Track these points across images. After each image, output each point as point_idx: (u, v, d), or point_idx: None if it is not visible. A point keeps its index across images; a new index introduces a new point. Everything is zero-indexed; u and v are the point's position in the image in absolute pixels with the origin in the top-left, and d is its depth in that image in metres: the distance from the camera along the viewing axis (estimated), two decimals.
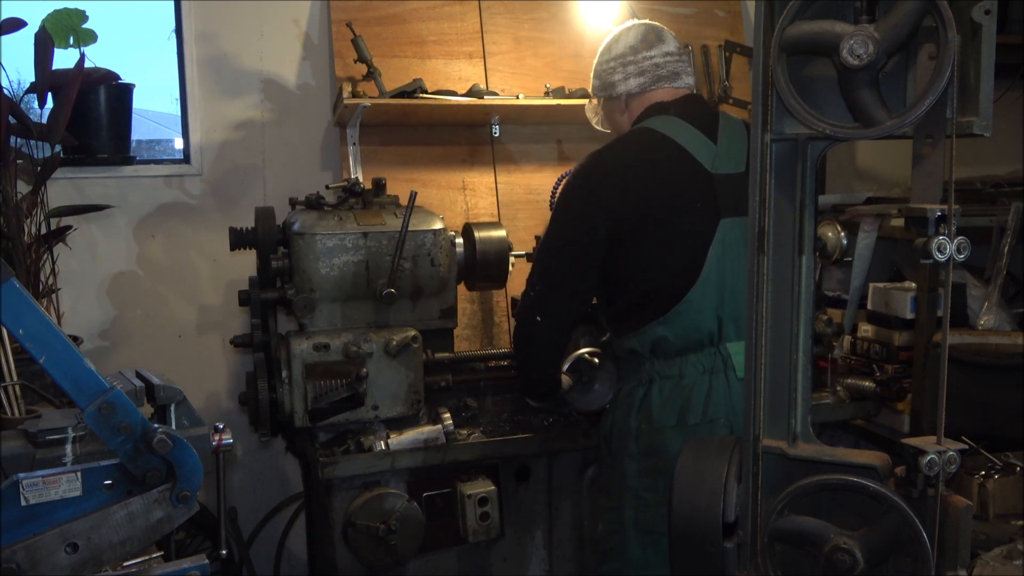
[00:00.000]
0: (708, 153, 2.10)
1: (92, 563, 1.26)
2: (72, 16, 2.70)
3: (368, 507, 2.29)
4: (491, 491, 2.39)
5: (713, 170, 2.09)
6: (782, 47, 1.18)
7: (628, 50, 2.22)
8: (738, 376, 2.05)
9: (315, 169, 3.18)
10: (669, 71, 2.20)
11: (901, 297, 2.87)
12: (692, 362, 2.09)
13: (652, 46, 2.21)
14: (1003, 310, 2.83)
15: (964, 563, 1.18)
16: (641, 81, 2.20)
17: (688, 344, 2.08)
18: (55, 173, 2.63)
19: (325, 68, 3.14)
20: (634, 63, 2.20)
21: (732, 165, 2.10)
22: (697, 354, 2.09)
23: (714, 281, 2.06)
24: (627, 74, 2.21)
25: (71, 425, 1.47)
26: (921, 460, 1.15)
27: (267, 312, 2.47)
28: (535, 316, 2.15)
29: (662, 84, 2.20)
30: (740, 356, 2.05)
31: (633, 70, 2.20)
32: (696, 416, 2.05)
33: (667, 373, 2.10)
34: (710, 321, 2.07)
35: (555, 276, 2.14)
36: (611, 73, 2.23)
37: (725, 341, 2.08)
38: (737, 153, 2.12)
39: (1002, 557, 1.82)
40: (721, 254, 2.06)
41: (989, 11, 1.10)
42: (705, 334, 2.08)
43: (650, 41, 2.22)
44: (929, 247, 1.10)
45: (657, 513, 2.06)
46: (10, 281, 1.19)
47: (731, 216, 2.06)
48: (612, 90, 2.24)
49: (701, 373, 2.08)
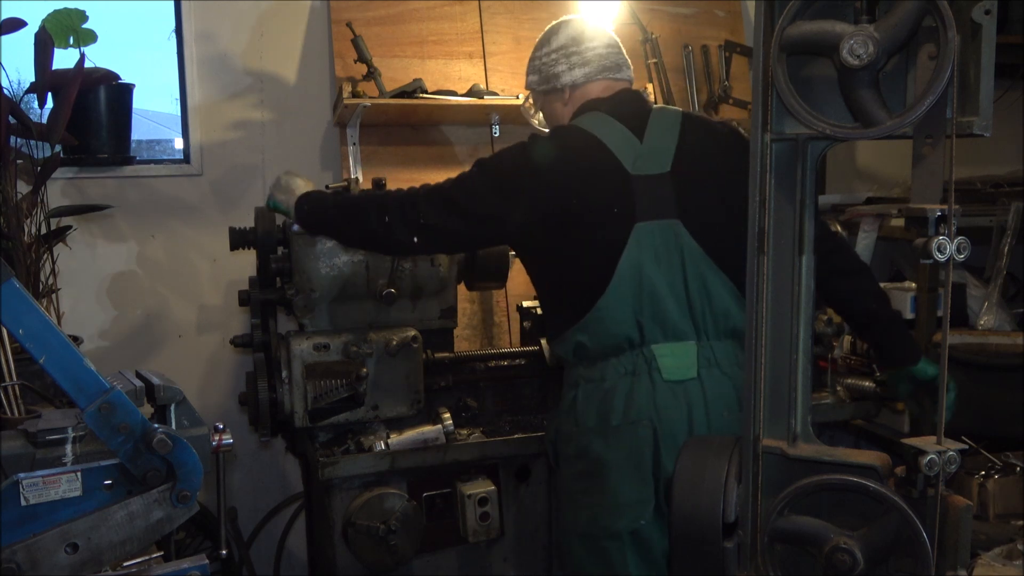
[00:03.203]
0: (631, 153, 2.03)
1: (92, 563, 1.26)
2: (72, 16, 2.70)
3: (368, 507, 2.29)
4: (491, 491, 2.39)
5: (633, 171, 2.01)
6: (782, 47, 1.18)
7: (570, 41, 2.16)
8: (663, 378, 1.99)
9: (315, 169, 3.18)
10: (612, 62, 2.15)
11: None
12: (613, 365, 2.03)
13: (593, 38, 2.16)
14: (1003, 310, 2.83)
15: (964, 563, 1.18)
16: (586, 71, 2.14)
17: (607, 349, 2.03)
18: (55, 173, 2.63)
19: (325, 68, 3.15)
20: (577, 53, 2.14)
21: (656, 165, 2.03)
22: (618, 357, 2.03)
23: (628, 286, 1.98)
24: (571, 64, 2.14)
25: (71, 425, 1.47)
26: (921, 460, 1.15)
27: (267, 312, 2.47)
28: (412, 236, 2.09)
29: (606, 75, 2.15)
30: (666, 358, 2.00)
31: (577, 60, 2.14)
32: (617, 417, 1.99)
33: (590, 377, 2.05)
34: (627, 327, 2.00)
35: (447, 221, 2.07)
36: (553, 64, 2.17)
37: (650, 343, 2.00)
38: (663, 152, 2.05)
39: (1002, 557, 1.82)
40: (636, 258, 1.98)
41: (989, 11, 1.10)
42: (623, 339, 2.01)
43: (590, 35, 2.17)
44: (929, 247, 1.10)
45: (591, 515, 2.02)
46: (10, 281, 1.19)
47: (647, 220, 1.99)
48: (555, 81, 2.17)
49: (622, 375, 2.01)
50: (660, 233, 2.00)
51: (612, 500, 1.98)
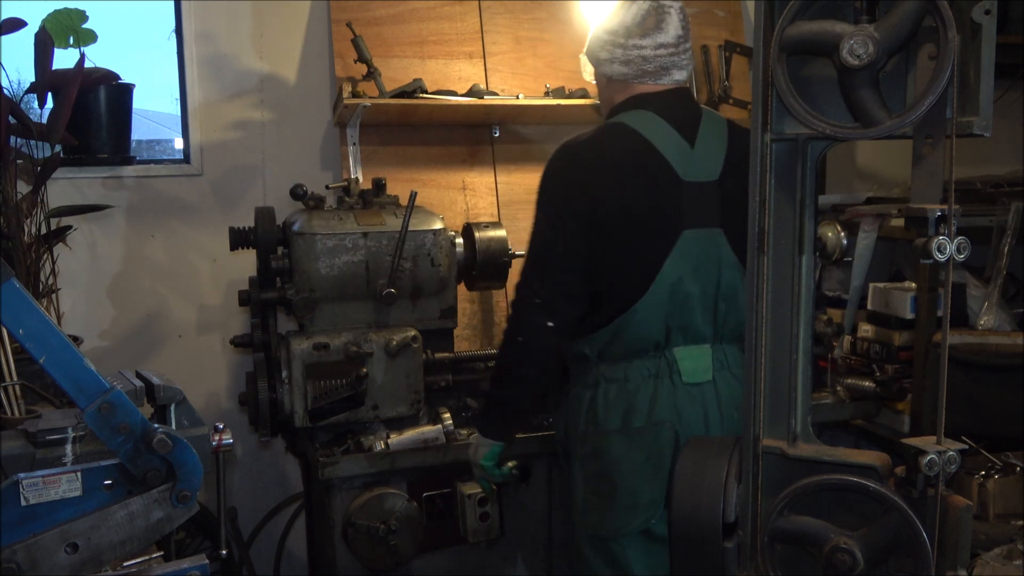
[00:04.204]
0: (682, 158, 2.00)
1: (92, 563, 1.26)
2: (72, 16, 2.70)
3: (368, 507, 2.29)
4: (491, 491, 2.39)
5: (685, 177, 1.99)
6: (782, 47, 1.18)
7: (622, 30, 2.04)
8: (683, 380, 2.01)
9: (315, 169, 3.17)
10: (656, 66, 2.03)
11: (901, 297, 2.87)
12: (637, 366, 2.03)
13: (647, 34, 2.02)
14: (1003, 310, 2.83)
15: (964, 563, 1.18)
16: (624, 71, 2.05)
17: (633, 350, 2.03)
18: (55, 173, 2.63)
19: (325, 68, 3.14)
20: (622, 47, 2.04)
21: (705, 172, 2.01)
22: (642, 359, 2.03)
23: (665, 292, 1.99)
24: (613, 57, 2.06)
25: (71, 425, 1.47)
26: (921, 460, 1.15)
27: (267, 312, 2.47)
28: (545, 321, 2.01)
29: (645, 80, 2.04)
30: (686, 361, 2.02)
31: (620, 55, 2.04)
32: (641, 419, 1.99)
33: (612, 376, 2.04)
34: (657, 332, 2.01)
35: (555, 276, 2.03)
36: (601, 48, 2.09)
37: (672, 346, 2.02)
38: (714, 159, 2.02)
39: (1002, 557, 1.82)
40: (678, 266, 1.98)
41: (989, 11, 1.10)
42: (651, 342, 2.02)
43: (647, 27, 2.02)
44: (929, 247, 1.10)
45: (601, 517, 2.03)
46: (10, 281, 1.19)
47: (695, 228, 1.99)
48: (597, 64, 2.13)
49: (646, 377, 2.02)
50: (703, 242, 2.00)
51: (627, 501, 2.00)
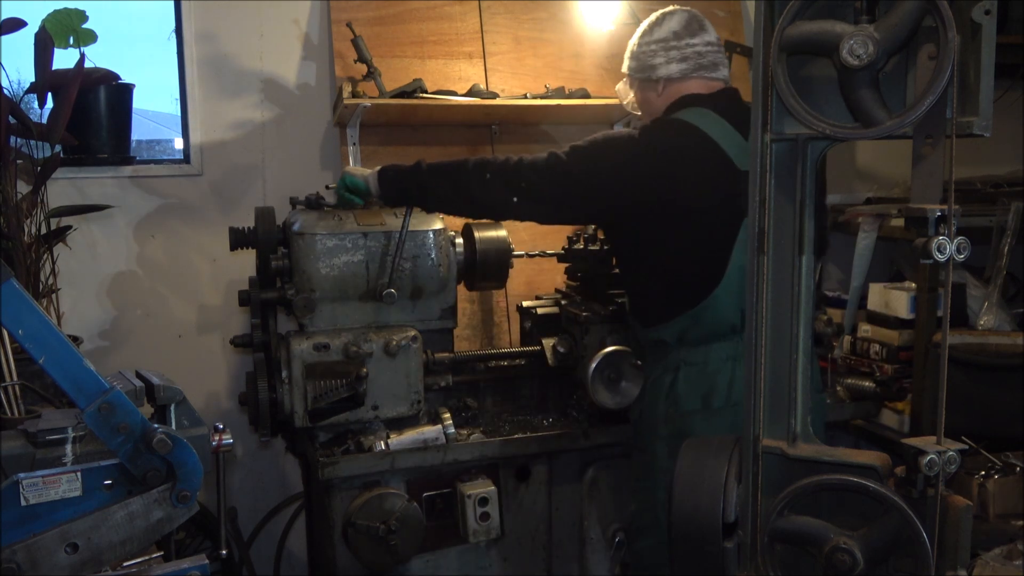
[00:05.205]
0: (738, 149, 2.11)
1: (92, 563, 1.26)
2: (72, 16, 2.70)
3: (368, 507, 2.29)
4: (491, 491, 2.39)
5: (742, 167, 2.09)
6: (782, 47, 1.18)
7: (671, 35, 2.22)
8: None
9: (315, 169, 3.17)
10: (710, 61, 2.21)
11: (901, 297, 2.87)
12: (716, 349, 2.15)
13: (695, 34, 2.21)
14: (1003, 310, 2.83)
15: (964, 563, 1.18)
16: (683, 67, 2.21)
17: (712, 334, 2.15)
18: (55, 173, 2.63)
19: (325, 68, 3.14)
20: (677, 48, 2.21)
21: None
22: (721, 342, 2.14)
23: (738, 278, 2.10)
24: (669, 59, 2.21)
25: (71, 425, 1.47)
26: (921, 460, 1.15)
27: (267, 312, 2.47)
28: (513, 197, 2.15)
29: (702, 73, 2.21)
30: None
31: (676, 55, 2.21)
32: (720, 400, 2.12)
33: (693, 360, 2.17)
34: (733, 315, 2.12)
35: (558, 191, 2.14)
36: (652, 56, 2.23)
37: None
38: None
39: (1002, 557, 1.82)
40: (744, 251, 2.08)
41: (989, 11, 1.10)
42: (728, 326, 2.14)
43: (693, 29, 2.22)
44: (929, 247, 1.10)
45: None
46: (10, 281, 1.19)
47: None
48: (651, 72, 2.24)
49: (724, 360, 2.14)
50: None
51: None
